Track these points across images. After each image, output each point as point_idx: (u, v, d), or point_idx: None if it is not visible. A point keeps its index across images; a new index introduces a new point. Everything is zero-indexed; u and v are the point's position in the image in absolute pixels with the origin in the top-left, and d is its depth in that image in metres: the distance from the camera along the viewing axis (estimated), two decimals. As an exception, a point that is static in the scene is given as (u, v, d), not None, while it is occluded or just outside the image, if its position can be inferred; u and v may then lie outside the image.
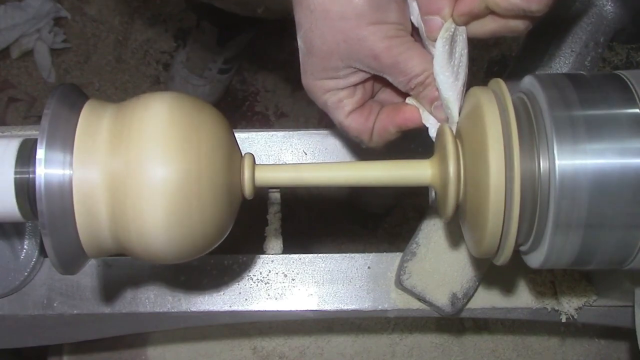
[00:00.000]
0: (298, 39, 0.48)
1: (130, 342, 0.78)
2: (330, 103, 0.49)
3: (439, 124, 0.47)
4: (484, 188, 0.39)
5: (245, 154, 0.45)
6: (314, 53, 0.46)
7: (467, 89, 0.46)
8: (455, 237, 0.58)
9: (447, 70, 0.45)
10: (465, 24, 0.45)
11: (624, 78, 0.41)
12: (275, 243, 0.64)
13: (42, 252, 0.60)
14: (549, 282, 0.60)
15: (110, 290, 0.60)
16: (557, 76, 0.42)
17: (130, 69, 1.48)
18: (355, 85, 0.48)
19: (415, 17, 0.46)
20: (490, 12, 0.43)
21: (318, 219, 1.30)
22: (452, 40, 0.45)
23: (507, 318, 0.61)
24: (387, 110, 0.49)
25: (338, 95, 0.48)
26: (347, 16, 0.44)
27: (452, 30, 0.45)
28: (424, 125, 0.48)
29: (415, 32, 0.47)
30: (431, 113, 0.47)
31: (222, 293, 0.60)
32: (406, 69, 0.45)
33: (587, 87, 0.40)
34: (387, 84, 0.49)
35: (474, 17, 0.44)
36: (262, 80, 1.46)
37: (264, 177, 0.45)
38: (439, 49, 0.44)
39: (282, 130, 0.63)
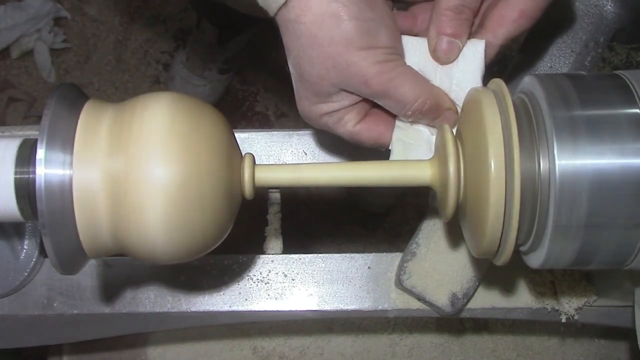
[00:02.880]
0: (289, 64, 0.47)
1: (130, 342, 0.78)
2: (331, 124, 0.48)
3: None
4: (484, 188, 0.39)
5: (245, 154, 0.45)
6: (305, 78, 0.45)
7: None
8: (455, 237, 0.58)
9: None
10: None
11: (624, 78, 0.41)
12: (275, 243, 0.64)
13: (42, 252, 0.60)
14: (549, 282, 0.60)
15: (110, 290, 0.60)
16: (557, 76, 0.42)
17: (130, 69, 1.48)
18: (352, 104, 0.47)
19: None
20: None
21: (318, 219, 1.30)
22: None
23: (507, 318, 0.61)
24: None
25: (337, 115, 0.47)
26: (335, 41, 0.43)
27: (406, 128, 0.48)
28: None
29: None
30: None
31: (222, 293, 0.60)
32: (397, 95, 0.44)
33: (587, 87, 0.40)
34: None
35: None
36: (262, 80, 1.46)
37: (264, 177, 0.45)
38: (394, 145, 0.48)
39: (282, 130, 0.63)
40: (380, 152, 0.50)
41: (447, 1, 0.45)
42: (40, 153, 0.39)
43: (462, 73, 0.46)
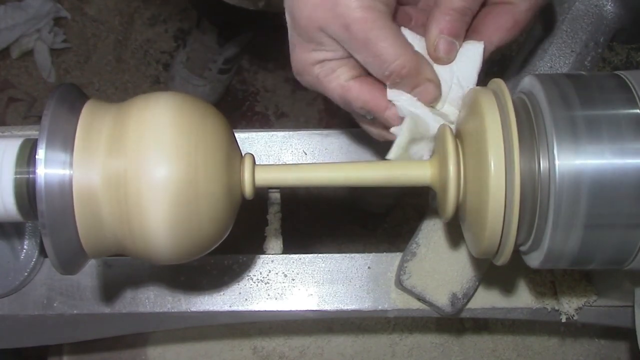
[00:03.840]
0: (286, 13, 0.45)
1: (130, 342, 0.78)
2: (322, 75, 0.45)
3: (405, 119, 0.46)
4: (484, 188, 0.39)
5: (245, 154, 0.45)
6: (297, 21, 0.44)
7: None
8: (455, 237, 0.58)
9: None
10: None
11: (624, 78, 0.41)
12: (275, 243, 0.64)
13: (42, 252, 0.60)
14: (549, 282, 0.60)
15: (110, 290, 0.60)
16: (557, 76, 0.42)
17: (130, 69, 1.48)
18: (346, 58, 0.45)
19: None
20: None
21: (318, 219, 1.30)
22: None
23: (507, 318, 0.61)
24: None
25: (329, 65, 0.45)
26: None
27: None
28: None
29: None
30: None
31: (222, 293, 0.60)
32: (376, 49, 0.42)
33: (587, 87, 0.40)
34: None
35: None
36: (262, 80, 1.46)
37: (264, 177, 0.45)
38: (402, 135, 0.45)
39: (282, 130, 0.63)
40: (380, 153, 0.50)
41: (453, 2, 0.45)
42: (41, 153, 0.39)
43: (461, 73, 0.46)
